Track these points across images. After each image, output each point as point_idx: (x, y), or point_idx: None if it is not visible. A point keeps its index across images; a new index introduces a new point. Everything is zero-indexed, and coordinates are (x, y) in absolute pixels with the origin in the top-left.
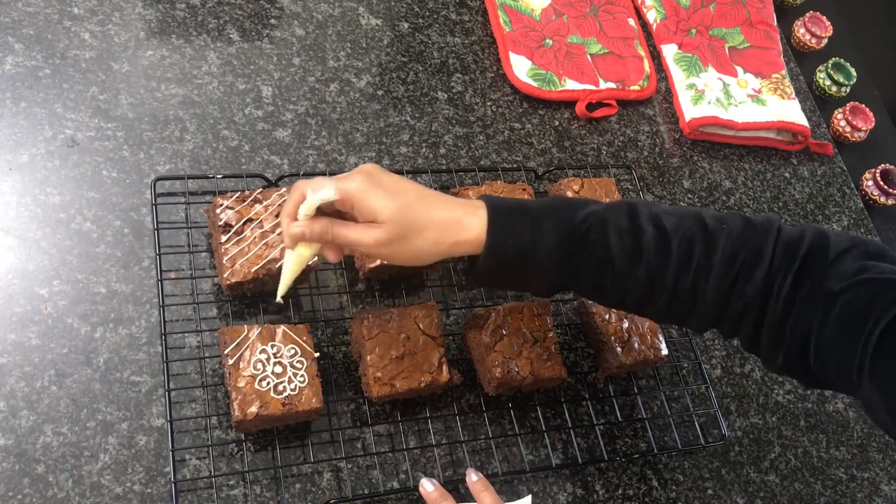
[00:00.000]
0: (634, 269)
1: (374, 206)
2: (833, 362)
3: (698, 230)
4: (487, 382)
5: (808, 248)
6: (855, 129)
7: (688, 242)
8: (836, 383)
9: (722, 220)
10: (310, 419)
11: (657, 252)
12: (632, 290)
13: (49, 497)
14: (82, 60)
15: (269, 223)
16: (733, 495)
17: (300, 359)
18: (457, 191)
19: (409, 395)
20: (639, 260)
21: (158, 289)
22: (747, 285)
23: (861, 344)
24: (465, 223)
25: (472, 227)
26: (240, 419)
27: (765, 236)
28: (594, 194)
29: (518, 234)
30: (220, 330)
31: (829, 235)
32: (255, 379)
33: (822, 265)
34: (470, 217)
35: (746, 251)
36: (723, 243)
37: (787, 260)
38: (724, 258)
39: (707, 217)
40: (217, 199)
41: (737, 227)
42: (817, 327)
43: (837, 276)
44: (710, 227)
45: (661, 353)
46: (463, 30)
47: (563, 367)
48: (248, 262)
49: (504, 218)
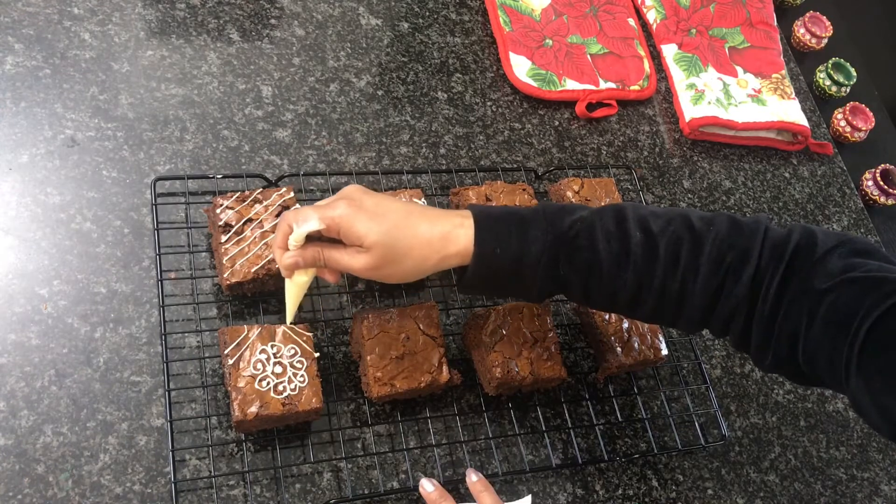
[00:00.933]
0: (622, 272)
1: (359, 231)
2: (821, 361)
3: (685, 232)
4: (487, 382)
5: (796, 246)
6: (855, 129)
7: (675, 244)
8: (825, 381)
9: (709, 221)
10: (310, 419)
11: (644, 255)
12: (620, 293)
13: (49, 497)
14: (82, 60)
15: (269, 223)
16: (733, 495)
17: (300, 359)
18: (457, 191)
19: (409, 395)
20: (626, 263)
21: (158, 289)
22: (735, 286)
23: (848, 342)
24: (453, 236)
25: (459, 238)
26: (240, 419)
27: (752, 236)
28: (594, 195)
29: (505, 243)
30: (220, 330)
31: (817, 234)
32: (255, 379)
33: (809, 264)
34: (457, 229)
35: (734, 252)
36: (710, 244)
37: (774, 260)
38: (712, 259)
39: (694, 218)
40: (217, 199)
41: (724, 227)
42: (804, 326)
43: (824, 275)
44: (697, 228)
45: (662, 354)
46: (463, 30)
47: (562, 368)
48: (248, 262)
49: (491, 226)
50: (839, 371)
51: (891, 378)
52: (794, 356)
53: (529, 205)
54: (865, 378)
